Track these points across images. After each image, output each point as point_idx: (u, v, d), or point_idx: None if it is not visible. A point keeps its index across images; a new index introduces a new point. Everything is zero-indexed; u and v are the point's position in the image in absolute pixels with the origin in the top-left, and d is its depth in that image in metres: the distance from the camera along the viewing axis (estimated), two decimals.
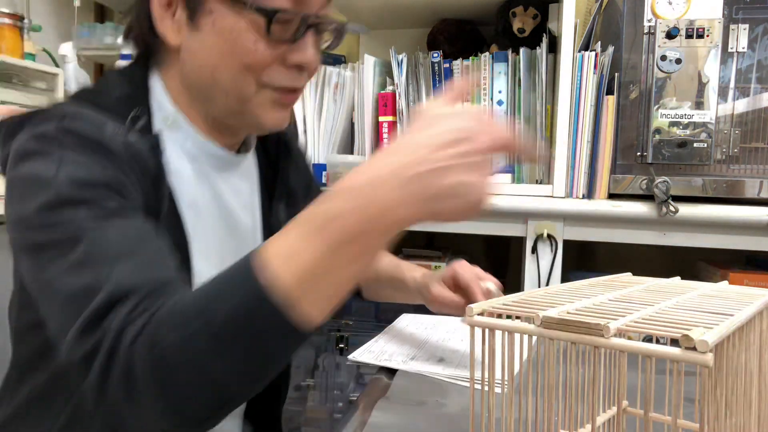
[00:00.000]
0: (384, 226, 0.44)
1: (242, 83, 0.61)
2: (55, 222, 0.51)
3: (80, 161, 0.54)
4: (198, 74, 0.63)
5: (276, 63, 0.61)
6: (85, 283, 0.47)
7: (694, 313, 0.34)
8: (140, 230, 0.53)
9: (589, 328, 0.28)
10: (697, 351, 0.25)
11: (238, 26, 0.59)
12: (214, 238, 0.67)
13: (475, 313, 0.37)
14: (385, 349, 0.86)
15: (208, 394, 0.44)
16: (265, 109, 0.64)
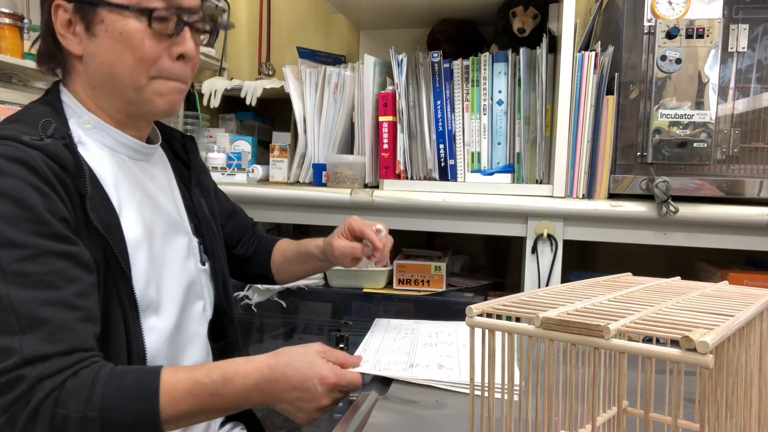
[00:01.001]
0: (238, 411, 0.70)
1: (136, 76, 0.75)
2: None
3: (6, 192, 0.63)
4: (100, 72, 0.75)
5: (163, 56, 0.75)
6: (1, 346, 0.59)
7: (695, 314, 0.34)
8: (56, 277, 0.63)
9: (589, 330, 0.28)
10: (698, 352, 0.25)
11: (127, 28, 0.73)
12: (141, 213, 0.78)
13: (475, 314, 0.36)
14: (378, 358, 0.86)
15: None
16: (157, 96, 0.77)
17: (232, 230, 1.07)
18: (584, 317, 0.30)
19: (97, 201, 0.71)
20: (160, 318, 0.78)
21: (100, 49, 0.74)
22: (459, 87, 1.37)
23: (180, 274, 0.83)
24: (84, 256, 0.67)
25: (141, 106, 0.78)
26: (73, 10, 0.74)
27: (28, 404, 0.59)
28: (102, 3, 0.73)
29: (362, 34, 1.76)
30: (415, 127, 1.38)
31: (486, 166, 1.37)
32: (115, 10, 0.73)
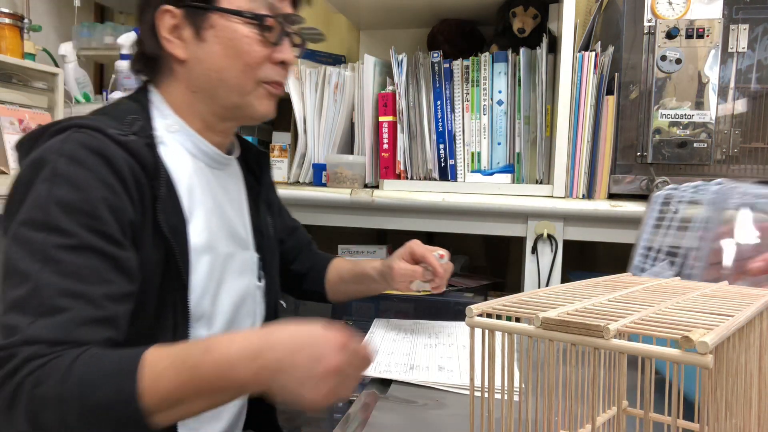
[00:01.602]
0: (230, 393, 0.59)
1: (243, 80, 0.77)
2: (26, 240, 0.62)
3: (75, 181, 0.64)
4: (206, 77, 0.77)
5: (266, 61, 0.78)
6: (10, 323, 0.59)
7: (694, 314, 0.34)
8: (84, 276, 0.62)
9: (589, 330, 0.28)
10: (698, 352, 0.25)
11: (237, 34, 0.75)
12: (208, 222, 0.78)
13: (475, 314, 0.36)
14: (378, 359, 0.86)
15: None
16: (260, 100, 0.79)
17: (291, 247, 1.07)
18: (584, 317, 0.30)
19: (169, 204, 0.72)
20: (210, 330, 0.78)
21: (209, 54, 0.76)
22: (459, 87, 1.37)
23: (236, 288, 0.82)
24: (129, 263, 0.66)
25: (242, 111, 0.80)
26: (182, 15, 0.75)
27: (11, 382, 0.57)
28: (213, 8, 0.75)
29: (362, 34, 1.76)
30: (415, 127, 1.38)
31: (486, 166, 1.37)
32: (226, 15, 0.75)
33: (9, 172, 1.46)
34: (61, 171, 0.64)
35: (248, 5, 0.75)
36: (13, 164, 1.47)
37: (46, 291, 0.60)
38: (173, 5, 0.75)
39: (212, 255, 0.78)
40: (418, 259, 0.97)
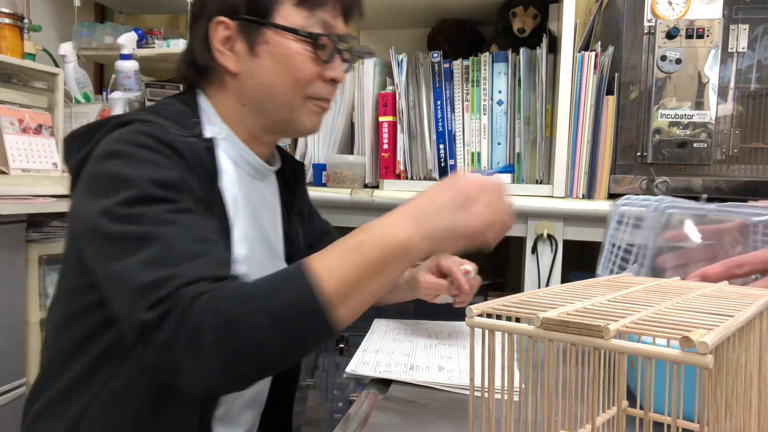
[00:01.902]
0: (398, 258, 0.59)
1: (293, 96, 0.78)
2: (135, 215, 0.61)
3: (156, 162, 0.65)
4: (257, 92, 0.77)
5: (317, 79, 0.78)
6: (156, 277, 0.57)
7: (694, 314, 0.34)
8: (203, 228, 0.64)
9: (589, 330, 0.28)
10: (698, 352, 0.25)
11: (291, 51, 0.75)
12: (246, 229, 0.79)
13: (475, 314, 0.36)
14: (379, 359, 0.86)
15: (256, 360, 0.55)
16: (308, 115, 0.80)
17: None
18: (584, 317, 0.30)
19: (218, 209, 0.73)
20: None
21: (262, 69, 0.76)
22: (459, 87, 1.37)
23: None
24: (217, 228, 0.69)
25: (290, 125, 0.80)
26: (236, 29, 0.76)
27: (187, 324, 0.55)
28: (269, 24, 0.75)
29: (362, 34, 1.76)
30: (415, 127, 1.38)
31: (486, 166, 1.37)
32: (281, 32, 0.75)
33: (9, 171, 1.46)
34: (141, 156, 0.64)
35: (303, 22, 0.75)
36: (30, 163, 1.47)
37: (180, 242, 0.60)
38: (228, 17, 0.75)
39: (249, 264, 0.78)
40: (444, 272, 0.96)
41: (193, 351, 0.54)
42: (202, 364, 0.54)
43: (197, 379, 0.55)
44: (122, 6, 2.07)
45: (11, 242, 1.34)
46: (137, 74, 1.71)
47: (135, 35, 1.72)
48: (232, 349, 0.54)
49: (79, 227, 0.67)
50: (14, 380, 1.35)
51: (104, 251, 0.61)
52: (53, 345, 0.74)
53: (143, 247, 0.59)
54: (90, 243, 0.64)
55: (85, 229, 0.65)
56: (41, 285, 1.43)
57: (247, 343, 0.54)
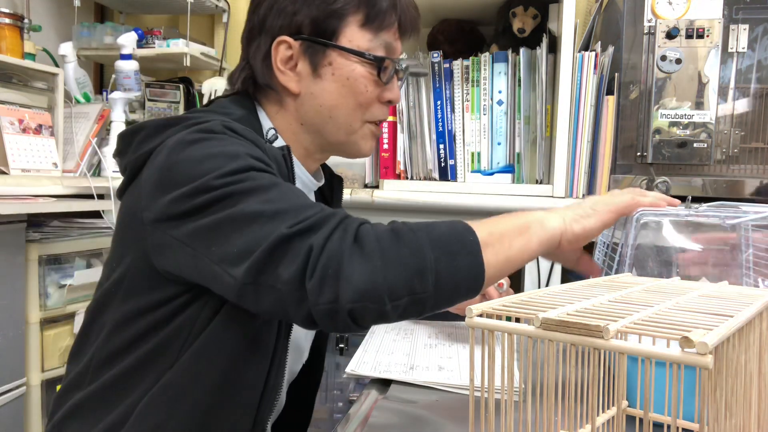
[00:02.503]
0: (540, 224, 0.65)
1: (353, 119, 0.78)
2: (247, 178, 0.60)
3: (248, 146, 0.65)
4: (317, 112, 0.77)
5: (376, 101, 0.78)
6: (295, 204, 0.59)
7: (694, 315, 0.34)
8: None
9: (589, 330, 0.28)
10: (697, 353, 0.25)
11: (355, 74, 0.75)
12: None
13: (475, 314, 0.37)
14: (379, 359, 0.86)
15: (412, 270, 0.56)
16: (365, 139, 0.81)
17: None
18: (584, 318, 0.30)
19: None
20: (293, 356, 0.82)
21: (323, 90, 0.76)
22: (459, 87, 1.37)
23: None
24: None
25: (345, 147, 0.81)
26: (300, 49, 0.75)
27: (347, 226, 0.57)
28: (335, 46, 0.74)
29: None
30: (415, 127, 1.38)
31: (486, 167, 1.37)
32: (346, 54, 0.74)
33: (9, 171, 1.46)
34: (231, 140, 0.64)
35: (368, 45, 0.75)
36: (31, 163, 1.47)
37: (294, 194, 0.61)
38: (292, 37, 0.74)
39: None
40: None
41: (357, 249, 0.55)
42: (363, 263, 0.55)
43: (355, 278, 0.54)
44: (122, 6, 2.07)
45: (11, 242, 1.34)
46: (137, 74, 1.71)
47: (135, 35, 1.72)
48: (394, 254, 0.55)
49: (153, 216, 0.63)
50: (14, 380, 1.35)
51: (221, 208, 0.59)
52: (99, 344, 0.71)
53: (263, 193, 0.59)
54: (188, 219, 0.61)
55: (175, 210, 0.61)
56: (41, 285, 1.43)
57: (406, 250, 0.56)
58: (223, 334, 0.67)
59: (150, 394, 0.67)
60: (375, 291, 0.54)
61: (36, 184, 1.45)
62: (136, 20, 2.14)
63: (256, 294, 0.57)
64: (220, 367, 0.67)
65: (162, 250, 0.64)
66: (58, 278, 1.46)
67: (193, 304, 0.67)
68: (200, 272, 0.61)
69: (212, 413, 0.68)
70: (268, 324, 0.70)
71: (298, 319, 0.57)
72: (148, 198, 0.64)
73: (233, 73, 0.82)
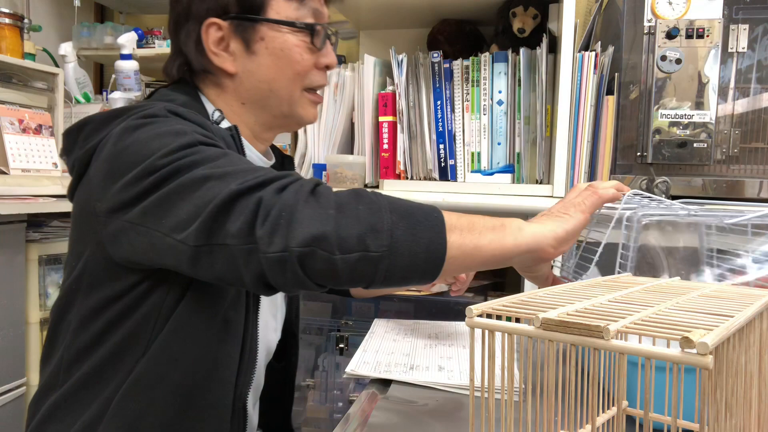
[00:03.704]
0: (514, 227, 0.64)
1: (293, 89, 0.78)
2: (194, 152, 0.60)
3: (194, 128, 0.64)
4: (257, 89, 0.77)
5: (313, 68, 0.78)
6: (246, 167, 0.58)
7: (694, 315, 0.34)
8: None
9: (589, 330, 0.28)
10: (698, 353, 0.25)
11: (288, 44, 0.75)
12: None
13: (475, 314, 0.37)
14: (378, 359, 0.86)
15: (361, 226, 0.54)
16: (306, 107, 0.80)
17: None
18: (584, 318, 0.30)
19: None
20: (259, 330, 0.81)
21: (260, 66, 0.76)
22: (459, 87, 1.37)
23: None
24: None
25: (291, 119, 0.81)
26: (229, 29, 0.75)
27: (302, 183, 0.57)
28: (263, 20, 0.74)
29: (362, 34, 1.76)
30: (415, 127, 1.38)
31: (486, 166, 1.37)
32: (276, 26, 0.75)
33: (9, 171, 1.46)
34: (176, 121, 0.64)
35: (296, 14, 0.75)
36: (19, 162, 1.47)
37: (249, 165, 0.60)
38: (219, 18, 0.74)
39: None
40: None
41: (312, 200, 0.55)
42: (316, 210, 0.54)
43: (306, 222, 0.53)
44: (122, 6, 2.08)
45: (11, 242, 1.34)
46: (137, 74, 1.71)
47: (135, 35, 1.72)
48: (350, 208, 0.54)
49: (107, 206, 0.62)
50: (14, 380, 1.35)
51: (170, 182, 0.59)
52: (67, 342, 0.71)
53: (218, 159, 0.59)
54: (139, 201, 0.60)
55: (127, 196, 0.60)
56: (41, 285, 1.43)
57: (364, 207, 0.55)
58: (191, 317, 0.67)
59: (125, 386, 0.67)
60: (325, 237, 0.53)
61: (36, 184, 1.45)
62: (136, 20, 2.14)
63: (210, 257, 0.56)
64: (193, 350, 0.67)
65: (118, 238, 0.63)
66: (58, 278, 1.46)
67: (156, 290, 0.66)
68: (156, 250, 0.60)
69: (191, 395, 0.68)
70: (234, 302, 0.70)
71: (249, 277, 0.55)
72: (99, 189, 0.63)
73: (167, 65, 0.81)
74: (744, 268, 0.81)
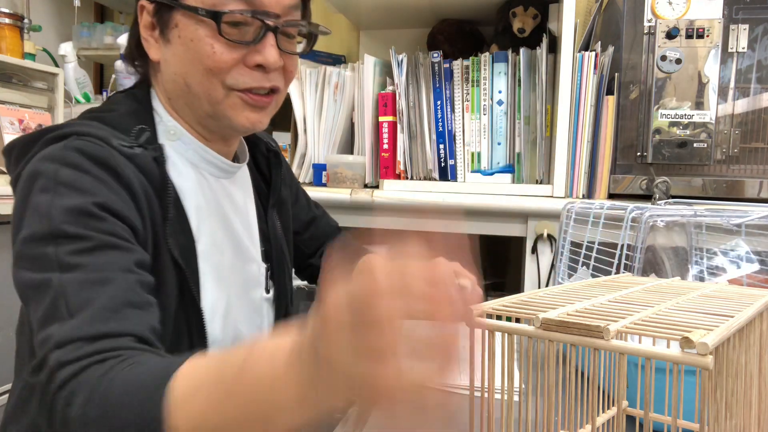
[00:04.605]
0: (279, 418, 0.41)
1: (209, 87, 0.67)
2: (37, 257, 0.56)
3: (81, 187, 0.58)
4: (174, 82, 0.69)
5: (238, 65, 0.66)
6: (46, 335, 0.53)
7: (694, 315, 0.34)
8: (112, 267, 0.57)
9: (589, 330, 0.28)
10: (698, 353, 0.25)
11: (197, 34, 0.65)
12: (214, 239, 0.72)
13: (475, 314, 0.36)
14: None
15: None
16: (235, 110, 0.68)
17: (308, 238, 0.98)
18: (584, 318, 0.30)
19: (177, 224, 0.67)
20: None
21: (174, 56, 0.67)
22: (459, 87, 1.37)
23: (243, 305, 0.77)
24: (147, 260, 0.61)
25: (219, 121, 0.70)
26: (153, 12, 0.68)
27: (49, 394, 0.52)
28: (177, 5, 0.65)
29: (362, 34, 1.76)
30: (415, 127, 1.39)
31: (486, 167, 1.37)
32: (188, 13, 0.65)
33: None
34: (63, 179, 0.58)
35: (216, 0, 0.64)
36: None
37: (71, 289, 0.54)
38: (148, 0, 0.67)
39: (220, 274, 0.72)
40: None
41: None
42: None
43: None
44: (122, 6, 2.08)
45: (10, 242, 1.33)
46: None
47: None
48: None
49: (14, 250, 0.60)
50: None
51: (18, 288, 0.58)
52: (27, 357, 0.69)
53: (38, 301, 0.55)
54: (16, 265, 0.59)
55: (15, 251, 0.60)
56: None
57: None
58: None
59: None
60: None
61: None
62: None
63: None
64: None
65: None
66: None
67: None
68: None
69: None
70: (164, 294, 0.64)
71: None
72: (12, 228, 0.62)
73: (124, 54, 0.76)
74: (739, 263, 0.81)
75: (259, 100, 0.69)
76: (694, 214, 0.96)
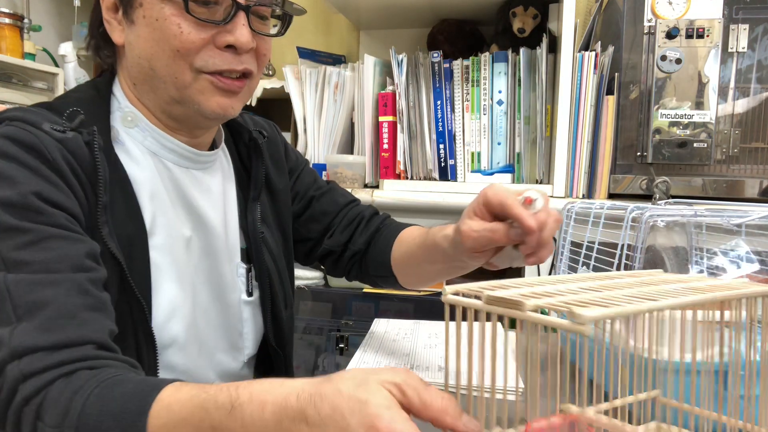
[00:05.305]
0: None
1: (176, 69, 0.67)
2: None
3: (11, 177, 0.59)
4: (139, 66, 0.69)
5: (208, 46, 0.67)
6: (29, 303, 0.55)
7: (615, 297, 0.41)
8: (60, 264, 0.57)
9: (513, 304, 0.36)
10: (575, 322, 0.33)
11: (163, 13, 0.65)
12: (174, 232, 0.72)
13: (448, 292, 0.44)
14: (379, 359, 0.90)
15: None
16: (204, 95, 0.68)
17: (306, 220, 0.94)
18: (520, 297, 0.38)
19: (123, 211, 0.67)
20: (186, 358, 0.72)
21: (138, 38, 0.67)
22: (459, 87, 1.45)
23: (213, 308, 0.76)
24: (96, 249, 0.61)
25: (187, 107, 0.69)
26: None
27: (9, 407, 0.52)
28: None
29: (362, 34, 1.83)
30: (415, 127, 1.46)
31: (486, 166, 1.45)
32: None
33: None
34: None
35: None
36: None
37: (18, 290, 0.55)
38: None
39: (182, 270, 0.71)
40: (496, 210, 0.66)
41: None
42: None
43: None
44: None
45: None
46: None
47: None
48: None
49: None
50: None
51: None
52: None
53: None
54: None
55: None
56: None
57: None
58: None
59: None
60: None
61: None
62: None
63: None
64: None
65: None
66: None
67: None
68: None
69: None
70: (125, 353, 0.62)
71: None
72: None
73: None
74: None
75: (230, 84, 0.69)
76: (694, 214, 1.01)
